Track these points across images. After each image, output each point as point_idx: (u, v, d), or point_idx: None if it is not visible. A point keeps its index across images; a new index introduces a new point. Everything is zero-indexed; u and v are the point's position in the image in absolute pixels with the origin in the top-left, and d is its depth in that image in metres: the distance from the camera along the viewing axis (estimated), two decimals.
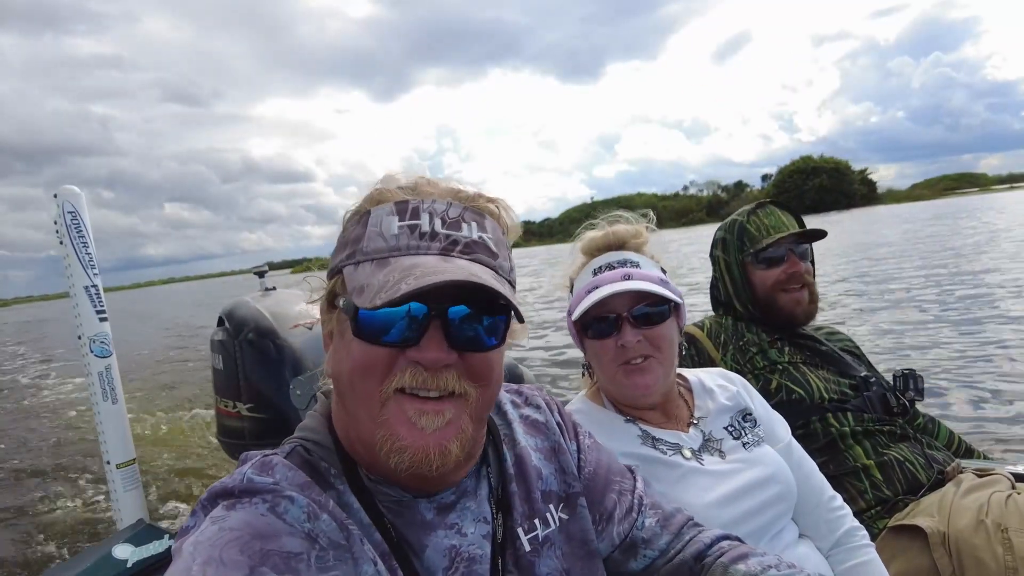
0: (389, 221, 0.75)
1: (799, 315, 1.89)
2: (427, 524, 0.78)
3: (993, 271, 11.81)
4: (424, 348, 0.71)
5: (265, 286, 2.91)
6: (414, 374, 0.71)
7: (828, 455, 1.66)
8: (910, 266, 14.13)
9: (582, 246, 1.37)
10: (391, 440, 0.71)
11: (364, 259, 0.74)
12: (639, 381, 1.23)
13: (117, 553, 1.94)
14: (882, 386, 1.81)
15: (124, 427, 2.37)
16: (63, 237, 2.24)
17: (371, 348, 0.72)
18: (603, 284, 1.23)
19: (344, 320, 0.75)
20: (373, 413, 0.72)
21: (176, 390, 9.39)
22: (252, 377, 2.63)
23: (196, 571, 0.58)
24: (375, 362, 0.72)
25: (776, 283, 1.89)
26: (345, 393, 0.76)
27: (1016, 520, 1.34)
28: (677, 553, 0.94)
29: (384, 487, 0.78)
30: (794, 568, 0.85)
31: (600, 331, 1.26)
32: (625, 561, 0.94)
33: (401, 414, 0.71)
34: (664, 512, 0.99)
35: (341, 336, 0.77)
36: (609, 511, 0.95)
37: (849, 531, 1.29)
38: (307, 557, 0.64)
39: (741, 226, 1.98)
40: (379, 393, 0.71)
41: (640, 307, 1.23)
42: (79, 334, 2.30)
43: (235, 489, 0.69)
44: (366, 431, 0.73)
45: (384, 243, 0.74)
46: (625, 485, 0.99)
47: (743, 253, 1.96)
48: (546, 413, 1.00)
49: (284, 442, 0.81)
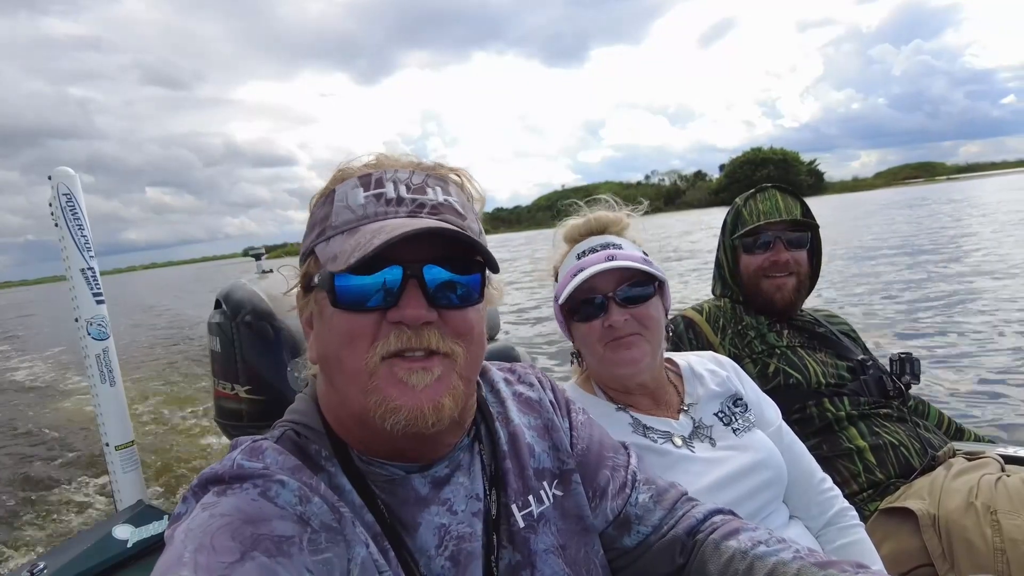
0: (355, 193, 0.76)
1: (778, 301, 1.89)
2: (421, 500, 0.79)
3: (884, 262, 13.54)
4: (404, 306, 0.71)
5: (262, 268, 2.90)
6: (398, 335, 0.71)
7: (823, 437, 1.67)
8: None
9: (564, 234, 1.38)
10: (384, 403, 0.71)
11: (334, 233, 0.75)
12: (626, 356, 1.24)
13: (117, 533, 1.96)
14: (879, 369, 1.82)
15: (122, 409, 2.38)
16: (58, 220, 2.22)
17: (353, 316, 0.72)
18: (587, 266, 1.24)
19: (322, 298, 0.75)
20: (363, 384, 0.72)
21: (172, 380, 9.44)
22: (250, 359, 2.63)
23: (188, 558, 0.58)
24: (359, 330, 0.72)
25: (759, 269, 1.90)
26: (332, 372, 0.76)
27: (1005, 502, 1.35)
28: (670, 529, 0.93)
29: (376, 467, 0.78)
30: (783, 543, 0.85)
31: (587, 313, 1.26)
32: (619, 537, 0.94)
33: (391, 376, 0.71)
34: (658, 487, 0.98)
35: (321, 315, 0.77)
36: (603, 487, 0.95)
37: (839, 512, 1.30)
38: (299, 540, 0.64)
39: (737, 210, 1.99)
40: (366, 363, 0.71)
41: (624, 287, 1.24)
42: (76, 316, 2.30)
43: (225, 475, 0.70)
44: (357, 404, 0.73)
45: (352, 214, 0.75)
46: (619, 461, 0.99)
47: (734, 236, 1.97)
48: (539, 391, 1.00)
49: (274, 426, 0.82)
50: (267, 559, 0.61)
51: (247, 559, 0.60)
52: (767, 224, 1.89)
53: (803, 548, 0.83)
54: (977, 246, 14.77)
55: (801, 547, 0.84)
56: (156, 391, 8.22)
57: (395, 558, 0.73)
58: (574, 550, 0.88)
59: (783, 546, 0.84)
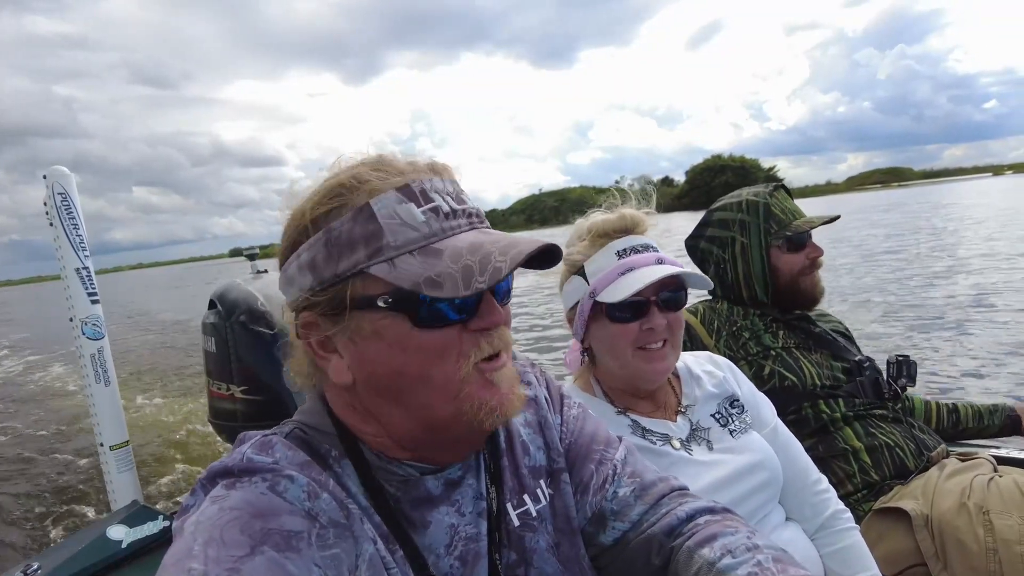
0: (407, 209, 0.71)
1: (818, 295, 1.93)
2: (432, 500, 0.79)
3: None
4: (486, 313, 0.74)
5: (257, 268, 2.90)
6: (488, 342, 0.75)
7: (818, 438, 1.68)
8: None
9: (594, 228, 1.32)
10: (481, 406, 0.73)
11: (398, 253, 0.70)
12: (659, 367, 1.24)
13: (111, 534, 1.95)
14: (875, 370, 1.83)
15: (117, 409, 2.37)
16: (53, 219, 2.21)
17: (439, 332, 0.72)
18: (638, 266, 1.22)
19: (385, 319, 0.71)
20: (454, 393, 0.73)
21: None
22: (245, 359, 2.62)
23: (197, 551, 0.59)
24: (449, 344, 0.73)
25: (802, 268, 1.91)
26: (410, 390, 0.74)
27: (997, 503, 1.37)
28: (649, 526, 0.87)
29: (392, 466, 0.78)
30: (752, 551, 0.77)
31: (625, 314, 1.24)
32: (595, 534, 0.90)
33: (483, 380, 0.74)
34: (643, 481, 0.93)
35: (380, 335, 0.72)
36: (585, 482, 0.92)
37: (834, 514, 1.31)
38: (308, 535, 0.65)
39: (767, 208, 1.93)
40: (460, 373, 0.73)
41: (666, 292, 1.23)
42: (71, 316, 2.29)
43: (235, 468, 0.70)
44: (445, 413, 0.74)
45: (417, 232, 0.71)
46: (607, 454, 0.95)
47: (771, 236, 1.91)
48: (536, 388, 1.00)
49: (283, 423, 0.81)
50: (276, 553, 0.61)
51: (256, 553, 0.60)
52: (807, 223, 1.91)
53: (768, 558, 0.76)
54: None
55: (766, 557, 0.76)
56: (151, 390, 8.18)
57: (403, 556, 0.73)
58: (566, 548, 0.88)
59: (747, 557, 0.76)
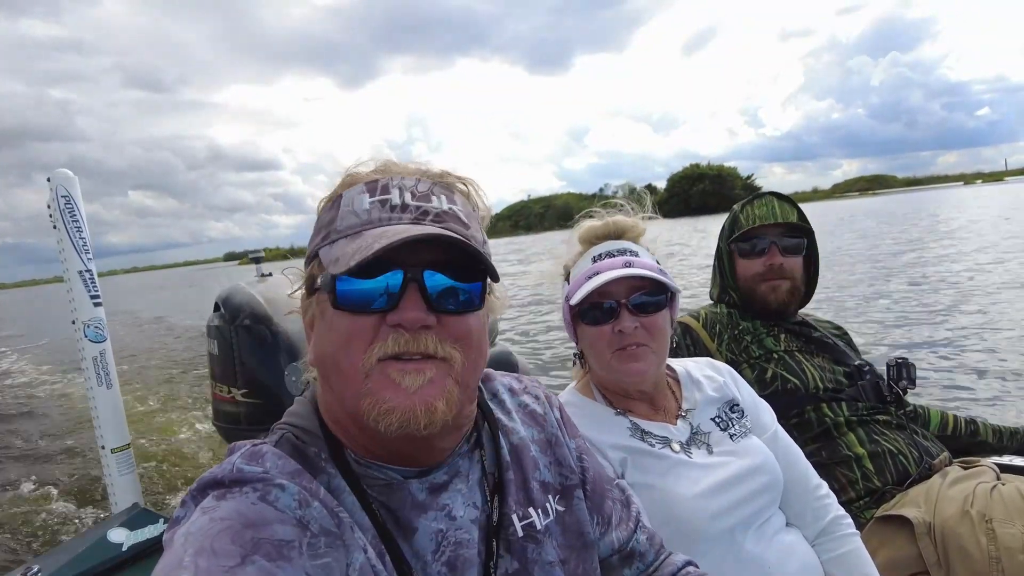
0: (360, 199, 0.77)
1: (772, 303, 1.91)
2: (419, 505, 0.79)
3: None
4: (403, 309, 0.72)
5: (261, 272, 2.90)
6: (396, 338, 0.72)
7: (822, 443, 1.68)
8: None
9: (581, 235, 1.39)
10: (378, 405, 0.71)
11: (338, 237, 0.76)
12: (633, 367, 1.25)
13: (112, 537, 1.95)
14: (876, 374, 1.83)
15: (119, 412, 2.38)
16: (56, 221, 2.23)
17: (352, 318, 0.73)
18: (604, 271, 1.25)
19: (324, 300, 0.76)
20: (358, 387, 0.72)
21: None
22: (248, 362, 2.63)
23: (188, 562, 0.58)
24: (357, 331, 0.73)
25: (756, 274, 1.92)
26: (329, 374, 0.77)
27: (1000, 511, 1.36)
28: (655, 570, 0.99)
29: (374, 470, 0.79)
30: None
31: (597, 317, 1.27)
32: (621, 568, 0.98)
33: (385, 379, 0.72)
34: (649, 530, 1.03)
35: (322, 316, 0.78)
36: (607, 516, 0.98)
37: (835, 519, 1.30)
38: (299, 544, 0.65)
39: (735, 215, 2.01)
40: (362, 364, 0.72)
41: (638, 295, 1.25)
42: (73, 319, 2.30)
43: (225, 479, 0.70)
44: (352, 407, 0.74)
45: (356, 219, 0.76)
46: (615, 495, 1.02)
47: (730, 240, 1.99)
48: (544, 406, 1.01)
49: (272, 429, 0.82)
50: (267, 563, 0.61)
51: (247, 563, 0.60)
52: (762, 228, 1.91)
53: None
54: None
55: None
56: (153, 393, 8.20)
57: (391, 562, 0.73)
58: (574, 564, 0.88)
59: None
